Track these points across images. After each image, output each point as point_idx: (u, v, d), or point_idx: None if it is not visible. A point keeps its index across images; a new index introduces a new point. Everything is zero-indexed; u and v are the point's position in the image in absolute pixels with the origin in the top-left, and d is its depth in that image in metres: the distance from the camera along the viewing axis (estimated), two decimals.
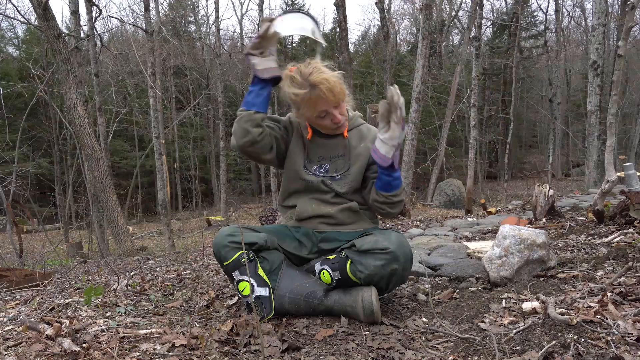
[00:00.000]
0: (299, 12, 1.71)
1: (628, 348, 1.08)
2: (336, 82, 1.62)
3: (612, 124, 3.61)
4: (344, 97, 1.68)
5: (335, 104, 1.66)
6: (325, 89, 1.59)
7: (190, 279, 2.46)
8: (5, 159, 9.10)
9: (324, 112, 1.66)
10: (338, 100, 1.65)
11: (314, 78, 1.60)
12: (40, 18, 5.18)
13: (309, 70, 1.63)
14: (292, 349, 1.31)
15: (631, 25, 3.44)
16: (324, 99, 1.61)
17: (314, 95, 1.61)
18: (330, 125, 1.70)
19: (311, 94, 1.61)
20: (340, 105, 1.68)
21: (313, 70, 1.63)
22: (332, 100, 1.63)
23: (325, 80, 1.60)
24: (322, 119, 1.69)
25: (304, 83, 1.62)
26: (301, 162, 1.77)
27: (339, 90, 1.63)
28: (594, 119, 9.57)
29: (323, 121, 1.69)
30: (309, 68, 1.64)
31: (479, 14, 12.32)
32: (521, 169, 24.85)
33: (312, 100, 1.62)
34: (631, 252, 2.00)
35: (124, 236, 5.64)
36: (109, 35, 19.08)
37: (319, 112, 1.65)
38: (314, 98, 1.62)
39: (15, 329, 1.55)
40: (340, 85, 1.64)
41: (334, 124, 1.69)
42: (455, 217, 6.46)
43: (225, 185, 16.27)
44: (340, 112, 1.69)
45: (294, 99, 1.66)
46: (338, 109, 1.68)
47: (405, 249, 1.55)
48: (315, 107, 1.64)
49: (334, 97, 1.62)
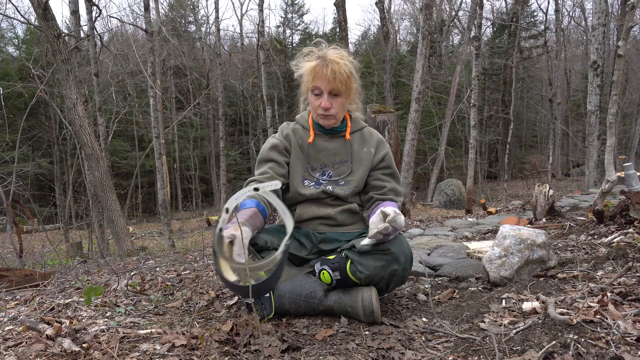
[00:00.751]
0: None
1: (628, 348, 1.08)
2: (345, 72, 1.63)
3: (612, 124, 3.61)
4: (344, 92, 1.67)
5: (331, 89, 1.65)
6: (330, 69, 1.60)
7: (190, 279, 2.46)
8: (5, 159, 9.10)
9: (317, 88, 1.66)
10: (336, 88, 1.64)
11: (329, 55, 1.63)
12: (40, 18, 5.18)
13: (330, 51, 1.67)
14: (292, 349, 1.31)
15: (631, 25, 3.44)
16: (323, 75, 1.62)
17: (317, 67, 1.63)
18: (317, 109, 1.69)
19: (315, 65, 1.63)
20: (338, 97, 1.67)
21: (335, 52, 1.66)
22: (330, 81, 1.62)
23: (335, 63, 1.61)
24: (315, 97, 1.68)
25: (318, 55, 1.66)
26: (299, 178, 1.75)
27: (342, 80, 1.63)
28: (594, 119, 9.57)
29: (315, 100, 1.69)
30: (334, 50, 1.68)
31: (479, 14, 12.32)
32: (521, 169, 24.86)
33: (313, 70, 1.64)
34: (631, 252, 2.00)
35: (124, 236, 5.64)
36: (109, 35, 19.10)
37: (313, 85, 1.66)
38: (316, 69, 1.63)
39: (15, 329, 1.55)
40: (347, 79, 1.64)
41: (321, 110, 1.68)
42: (455, 217, 6.46)
43: (225, 185, 16.28)
44: (335, 103, 1.68)
45: (300, 64, 1.70)
46: (334, 99, 1.67)
47: (405, 250, 1.55)
48: (313, 79, 1.65)
49: (333, 79, 1.62)
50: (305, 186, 1.75)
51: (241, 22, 40.31)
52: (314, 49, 1.70)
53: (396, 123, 6.01)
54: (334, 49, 1.70)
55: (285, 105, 24.80)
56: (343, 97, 1.69)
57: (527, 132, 27.17)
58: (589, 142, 9.91)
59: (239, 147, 24.50)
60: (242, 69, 24.52)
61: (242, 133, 26.66)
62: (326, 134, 1.77)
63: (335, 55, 1.65)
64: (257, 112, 21.36)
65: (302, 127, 1.80)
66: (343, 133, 1.78)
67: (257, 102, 20.56)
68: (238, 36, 27.54)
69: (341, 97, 1.68)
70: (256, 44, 20.62)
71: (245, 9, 48.62)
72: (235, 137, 26.18)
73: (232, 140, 25.45)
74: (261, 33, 17.17)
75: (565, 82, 22.01)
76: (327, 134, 1.77)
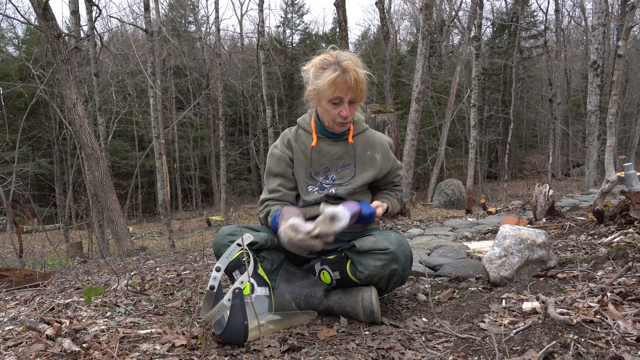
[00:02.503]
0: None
1: (628, 348, 1.08)
2: (363, 79, 1.62)
3: (612, 124, 3.61)
4: (362, 97, 1.67)
5: (352, 97, 1.64)
6: (352, 77, 1.59)
7: (190, 279, 2.46)
8: (5, 159, 9.10)
9: (338, 99, 1.63)
10: (357, 96, 1.64)
11: (346, 64, 1.61)
12: (40, 18, 5.18)
13: (345, 57, 1.64)
14: (292, 349, 1.31)
15: (631, 25, 3.44)
16: (347, 85, 1.59)
17: (340, 78, 1.59)
18: (336, 117, 1.66)
19: (337, 77, 1.59)
20: (354, 103, 1.67)
21: (349, 58, 1.64)
22: (352, 91, 1.61)
23: (354, 71, 1.60)
24: (333, 106, 1.65)
25: (335, 63, 1.61)
26: (303, 185, 1.75)
27: (362, 88, 1.63)
28: (594, 119, 9.57)
29: (333, 109, 1.65)
30: (345, 55, 1.65)
31: (479, 14, 12.32)
32: (521, 169, 24.86)
33: (335, 82, 1.60)
34: (631, 252, 2.00)
35: (124, 236, 5.64)
36: (109, 35, 19.09)
37: (335, 96, 1.62)
38: (339, 81, 1.59)
39: (15, 329, 1.55)
40: (364, 85, 1.64)
41: (340, 118, 1.66)
42: (455, 217, 6.46)
43: (225, 185, 16.27)
44: (352, 110, 1.67)
45: (318, 75, 1.65)
46: (351, 105, 1.66)
47: (405, 250, 1.55)
48: (335, 90, 1.61)
49: (356, 88, 1.61)
50: (309, 192, 1.74)
51: (241, 22, 40.28)
52: (325, 56, 1.66)
53: (396, 123, 6.01)
54: (347, 54, 1.67)
55: (285, 105, 24.80)
56: (358, 104, 1.69)
57: (527, 132, 27.16)
58: (589, 142, 9.91)
59: (239, 147, 24.51)
60: (242, 69, 24.53)
61: (242, 133, 26.67)
62: (329, 138, 1.76)
63: (351, 62, 1.62)
64: (257, 112, 21.37)
65: (305, 131, 1.79)
66: (346, 136, 1.76)
67: (257, 102, 20.56)
68: (238, 36, 27.56)
69: (357, 103, 1.68)
70: (256, 44, 20.62)
71: (245, 9, 48.49)
72: (235, 137, 26.19)
73: (232, 140, 25.45)
74: (261, 33, 17.17)
75: (565, 82, 22.01)
76: (330, 138, 1.76)
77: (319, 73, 1.64)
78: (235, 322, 1.31)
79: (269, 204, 1.75)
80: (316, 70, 1.65)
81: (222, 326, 1.35)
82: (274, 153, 1.79)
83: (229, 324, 1.32)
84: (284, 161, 1.76)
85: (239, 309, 1.32)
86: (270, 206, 1.73)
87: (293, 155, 1.77)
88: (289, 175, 1.76)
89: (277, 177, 1.76)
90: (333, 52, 1.66)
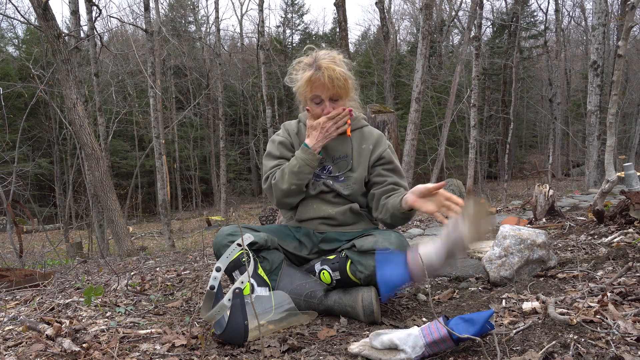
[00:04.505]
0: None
1: (628, 348, 1.08)
2: (341, 76, 1.62)
3: (612, 124, 3.61)
4: (344, 95, 1.68)
5: (331, 95, 1.65)
6: (327, 76, 1.60)
7: (190, 279, 2.46)
8: (5, 159, 9.09)
9: (317, 97, 1.66)
10: (336, 93, 1.65)
11: (323, 63, 1.62)
12: (40, 18, 5.18)
13: (323, 56, 1.65)
14: (292, 349, 1.31)
15: (631, 25, 3.44)
16: (322, 84, 1.62)
17: (314, 77, 1.62)
18: (320, 116, 1.69)
19: (312, 75, 1.62)
20: (338, 101, 1.68)
21: (327, 57, 1.65)
22: (328, 89, 1.63)
23: (331, 69, 1.60)
24: (316, 106, 1.69)
25: (312, 63, 1.64)
26: None
27: (340, 85, 1.63)
28: (594, 119, 9.57)
29: (316, 108, 1.69)
30: (325, 54, 1.66)
31: (479, 14, 12.32)
32: (521, 169, 24.86)
33: (311, 81, 1.63)
34: (631, 252, 2.00)
35: (124, 236, 5.64)
36: (109, 35, 19.09)
37: (313, 95, 1.66)
38: (314, 79, 1.62)
39: (15, 329, 1.55)
40: (345, 82, 1.64)
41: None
42: None
43: (225, 185, 16.27)
44: (337, 107, 1.68)
45: (297, 76, 1.68)
46: (334, 103, 1.68)
47: (405, 250, 1.55)
48: (311, 90, 1.65)
49: (332, 86, 1.62)
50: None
51: (241, 22, 40.28)
52: (303, 58, 1.69)
53: (396, 123, 6.00)
54: (324, 52, 1.69)
55: (285, 105, 24.79)
56: (343, 100, 1.70)
57: (527, 132, 27.15)
58: (589, 142, 9.90)
59: (239, 147, 24.51)
60: (242, 69, 24.53)
61: (242, 133, 26.67)
62: None
63: (328, 59, 1.64)
64: (257, 112, 21.36)
65: (305, 125, 1.81)
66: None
67: (257, 102, 20.56)
68: (238, 36, 27.56)
69: (341, 100, 1.69)
70: (256, 44, 20.62)
71: (245, 9, 48.36)
72: (235, 137, 26.19)
73: (232, 140, 25.45)
74: (261, 33, 17.16)
75: (565, 82, 22.00)
76: None
77: (299, 74, 1.68)
78: (236, 322, 1.31)
79: (273, 171, 1.75)
80: (296, 72, 1.69)
81: (222, 326, 1.35)
82: (275, 139, 1.82)
83: (229, 324, 1.32)
84: (284, 145, 1.80)
85: (239, 309, 1.32)
86: (275, 172, 1.74)
87: (293, 142, 1.80)
88: (290, 158, 1.77)
89: (277, 158, 1.78)
90: (313, 53, 1.69)
